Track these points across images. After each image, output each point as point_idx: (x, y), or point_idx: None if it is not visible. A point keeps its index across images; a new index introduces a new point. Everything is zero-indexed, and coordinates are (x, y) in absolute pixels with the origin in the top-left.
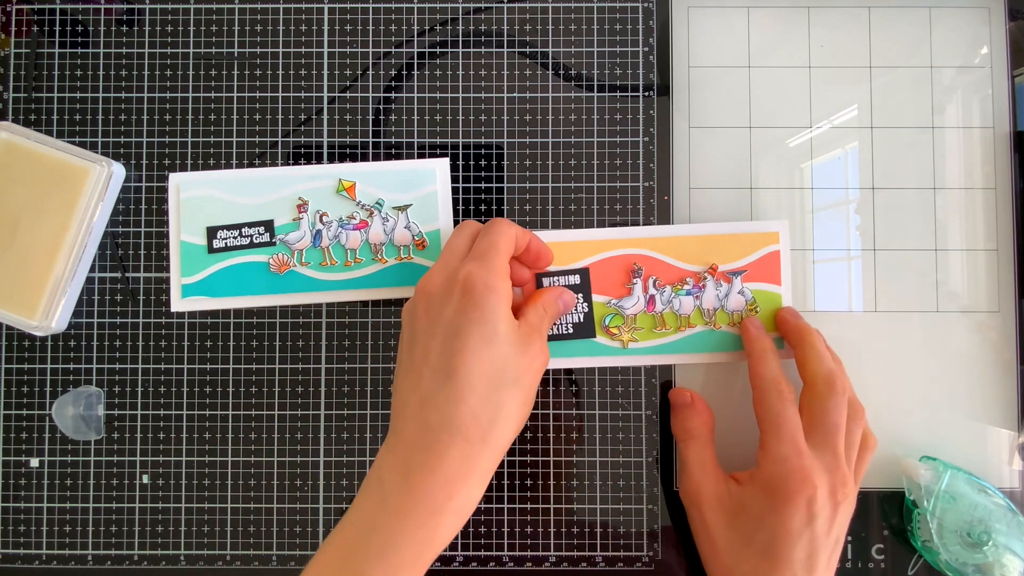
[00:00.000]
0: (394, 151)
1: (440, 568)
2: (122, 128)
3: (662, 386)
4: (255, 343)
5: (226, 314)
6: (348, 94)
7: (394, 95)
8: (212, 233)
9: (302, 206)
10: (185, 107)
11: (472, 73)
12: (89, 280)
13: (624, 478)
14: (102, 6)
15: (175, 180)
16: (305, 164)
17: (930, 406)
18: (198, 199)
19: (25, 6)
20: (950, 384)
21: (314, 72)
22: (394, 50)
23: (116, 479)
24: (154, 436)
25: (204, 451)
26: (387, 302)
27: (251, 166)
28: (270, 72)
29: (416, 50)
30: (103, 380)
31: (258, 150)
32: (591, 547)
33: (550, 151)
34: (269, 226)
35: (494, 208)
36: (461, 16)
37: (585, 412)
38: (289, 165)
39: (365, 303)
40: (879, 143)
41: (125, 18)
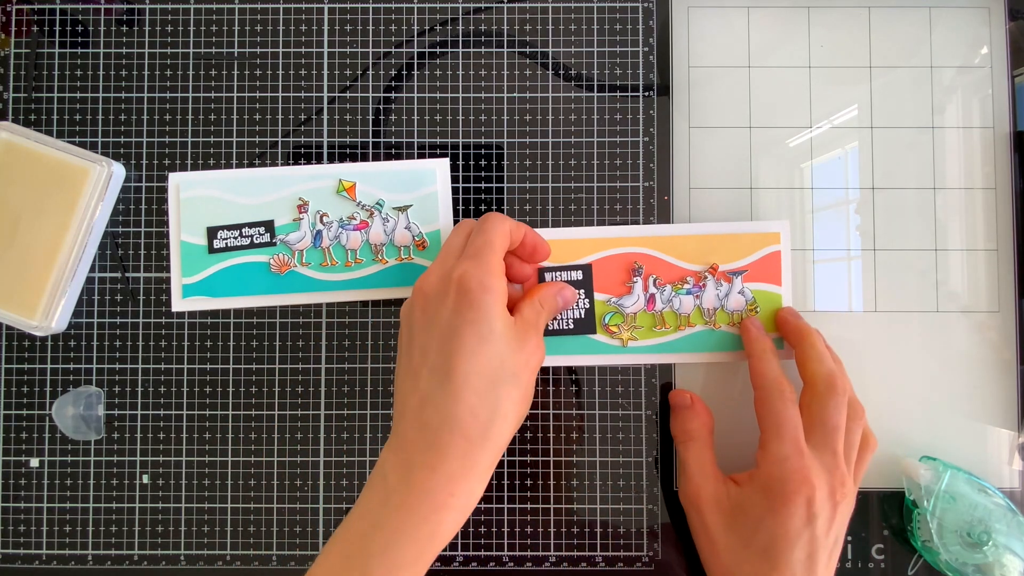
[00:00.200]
0: (394, 151)
1: (440, 568)
2: (122, 128)
3: (662, 386)
4: (255, 343)
5: (226, 314)
6: (348, 94)
7: (394, 95)
8: (212, 233)
9: (302, 206)
10: (185, 107)
11: (472, 73)
12: (89, 280)
13: (624, 478)
14: (102, 6)
15: (175, 180)
16: (305, 164)
17: (930, 406)
18: (198, 199)
19: (25, 6)
20: (950, 384)
21: (314, 72)
22: (394, 50)
23: (116, 479)
24: (154, 436)
25: (204, 451)
26: (387, 302)
27: (251, 166)
28: (270, 72)
29: (416, 50)
30: (103, 380)
31: (258, 150)
32: (591, 547)
33: (550, 151)
34: (269, 226)
35: (494, 208)
36: (461, 16)
37: (585, 412)
38: (289, 165)
39: (365, 303)
40: (879, 143)
41: (125, 18)
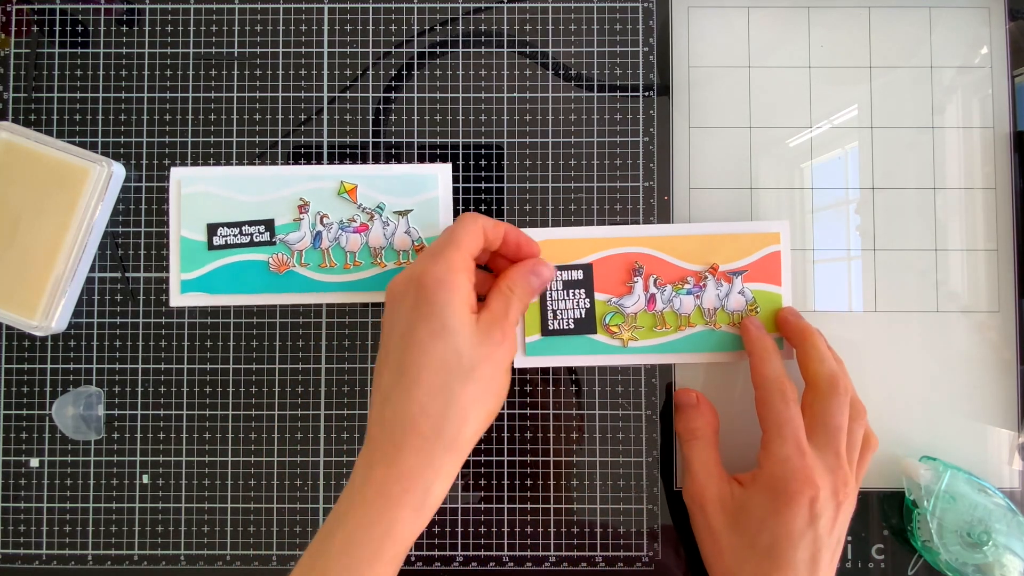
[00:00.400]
0: (394, 151)
1: (440, 568)
2: (122, 128)
3: (663, 386)
4: (255, 343)
5: (226, 314)
6: (348, 94)
7: (394, 95)
8: (212, 230)
9: (303, 207)
10: (185, 107)
11: (472, 73)
12: (89, 280)
13: (624, 478)
14: (102, 6)
15: (176, 175)
16: (305, 164)
17: (930, 406)
18: (199, 195)
19: (25, 6)
20: (950, 384)
21: (314, 72)
22: (394, 50)
23: (116, 479)
24: (154, 436)
25: (204, 451)
26: None
27: (251, 166)
28: (270, 72)
29: (416, 50)
30: (103, 380)
31: (258, 150)
32: (591, 547)
33: (550, 151)
34: (270, 225)
35: (494, 208)
36: (461, 16)
37: (585, 412)
38: (290, 165)
39: (365, 304)
40: (879, 143)
41: (125, 18)
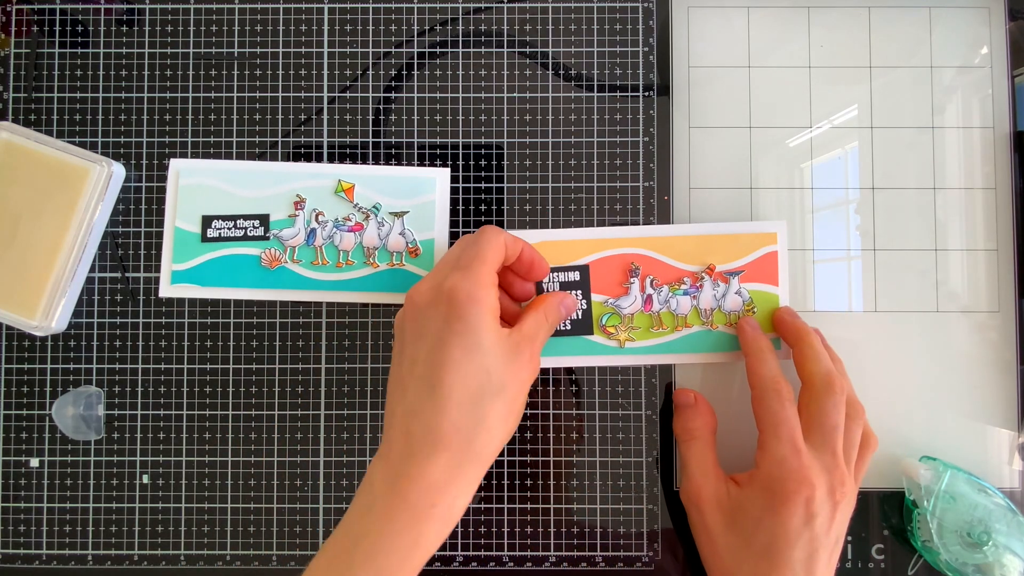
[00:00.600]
0: (394, 151)
1: (440, 568)
2: (122, 128)
3: (663, 386)
4: (255, 343)
5: (226, 314)
6: (348, 94)
7: (394, 95)
8: (207, 222)
9: (299, 203)
10: (185, 107)
11: (472, 73)
12: (89, 280)
13: (624, 478)
14: (102, 6)
15: (175, 166)
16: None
17: (930, 406)
18: (197, 187)
19: (25, 6)
20: (950, 384)
21: (314, 72)
22: (394, 50)
23: (116, 479)
24: (154, 436)
25: (204, 451)
26: (388, 303)
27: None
28: (270, 72)
29: (416, 50)
30: (103, 380)
31: (258, 150)
32: (591, 547)
33: (550, 151)
34: (264, 220)
35: (494, 208)
36: (461, 16)
37: (585, 412)
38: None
39: (365, 304)
40: (879, 143)
41: (125, 18)
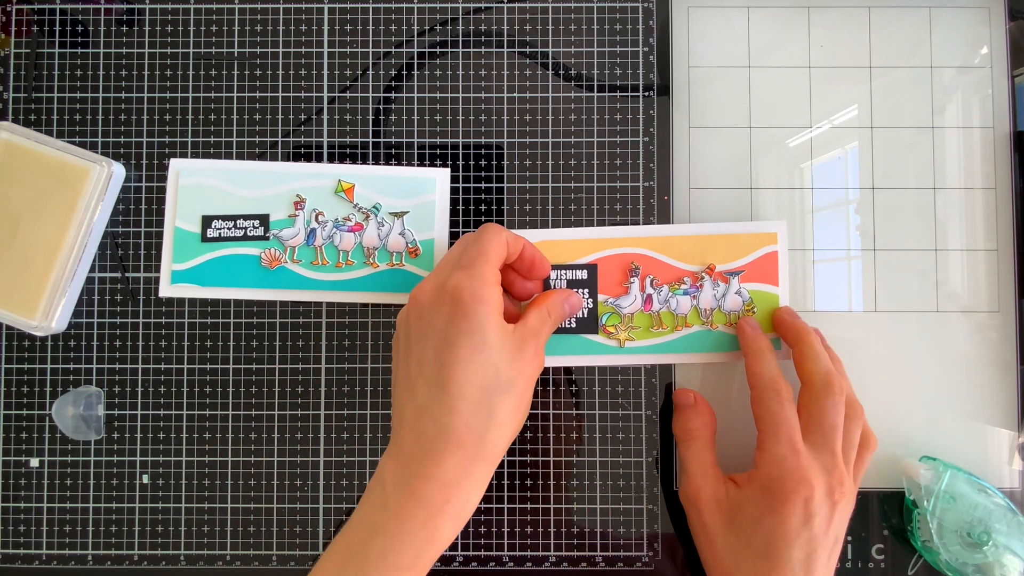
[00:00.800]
0: (394, 151)
1: (440, 568)
2: (122, 128)
3: (663, 386)
4: (255, 343)
5: (226, 314)
6: (348, 94)
7: (394, 95)
8: (207, 222)
9: (299, 203)
10: (185, 107)
11: (472, 73)
12: (89, 280)
13: (624, 478)
14: (102, 6)
15: (175, 166)
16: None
17: (930, 406)
18: (197, 187)
19: (25, 6)
20: (950, 384)
21: (314, 72)
22: (394, 50)
23: (116, 479)
24: (154, 436)
25: (204, 451)
26: (388, 303)
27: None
28: (270, 72)
29: (416, 50)
30: (103, 380)
31: (258, 150)
32: (591, 547)
33: (550, 151)
34: (264, 220)
35: (494, 208)
36: (461, 16)
37: (585, 412)
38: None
39: (365, 304)
40: (879, 143)
41: (125, 18)
